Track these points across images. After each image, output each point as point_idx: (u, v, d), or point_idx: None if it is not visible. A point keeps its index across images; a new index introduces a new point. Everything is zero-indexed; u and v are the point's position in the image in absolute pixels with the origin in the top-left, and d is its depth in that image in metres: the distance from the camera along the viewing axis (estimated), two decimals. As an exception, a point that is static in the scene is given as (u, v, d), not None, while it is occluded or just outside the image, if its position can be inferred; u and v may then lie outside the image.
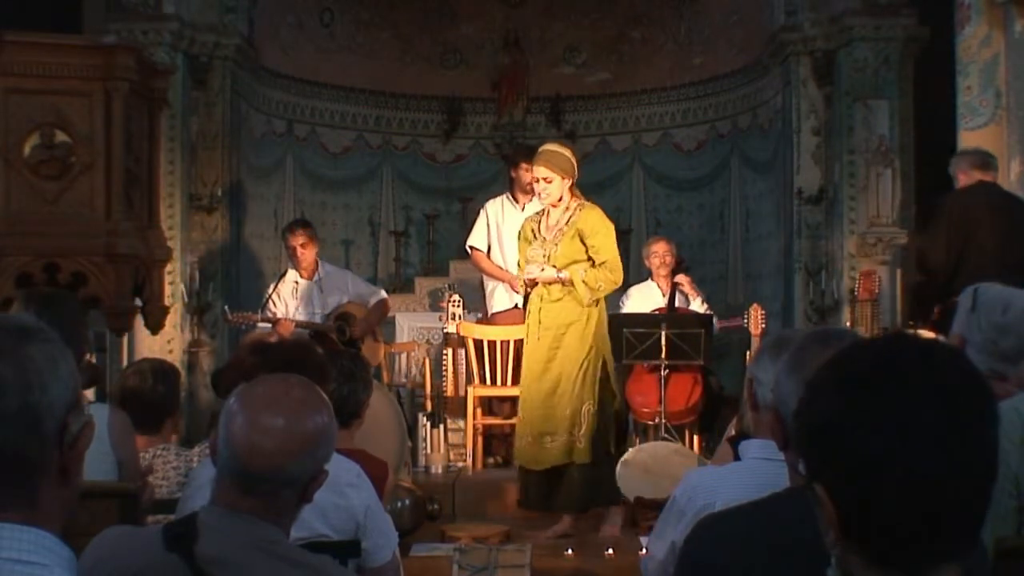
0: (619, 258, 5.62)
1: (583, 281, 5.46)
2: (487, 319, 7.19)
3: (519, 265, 5.83)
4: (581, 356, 5.50)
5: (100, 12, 8.10)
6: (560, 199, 5.57)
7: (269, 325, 6.83)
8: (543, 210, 5.72)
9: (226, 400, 1.95)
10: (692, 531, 1.88)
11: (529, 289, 5.65)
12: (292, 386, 1.94)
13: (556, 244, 5.54)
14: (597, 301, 5.55)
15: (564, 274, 5.49)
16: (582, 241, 5.51)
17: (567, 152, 5.66)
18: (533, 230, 5.70)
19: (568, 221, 5.56)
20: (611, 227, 5.65)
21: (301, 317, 6.99)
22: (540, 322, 5.57)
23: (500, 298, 7.08)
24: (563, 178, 5.53)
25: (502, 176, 10.11)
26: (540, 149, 5.72)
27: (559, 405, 5.51)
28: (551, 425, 5.52)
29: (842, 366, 1.21)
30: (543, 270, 5.52)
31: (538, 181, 5.56)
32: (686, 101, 10.22)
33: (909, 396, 1.14)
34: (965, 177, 5.64)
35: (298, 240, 7.10)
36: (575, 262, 5.51)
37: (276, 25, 9.45)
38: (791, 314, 8.57)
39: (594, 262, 5.51)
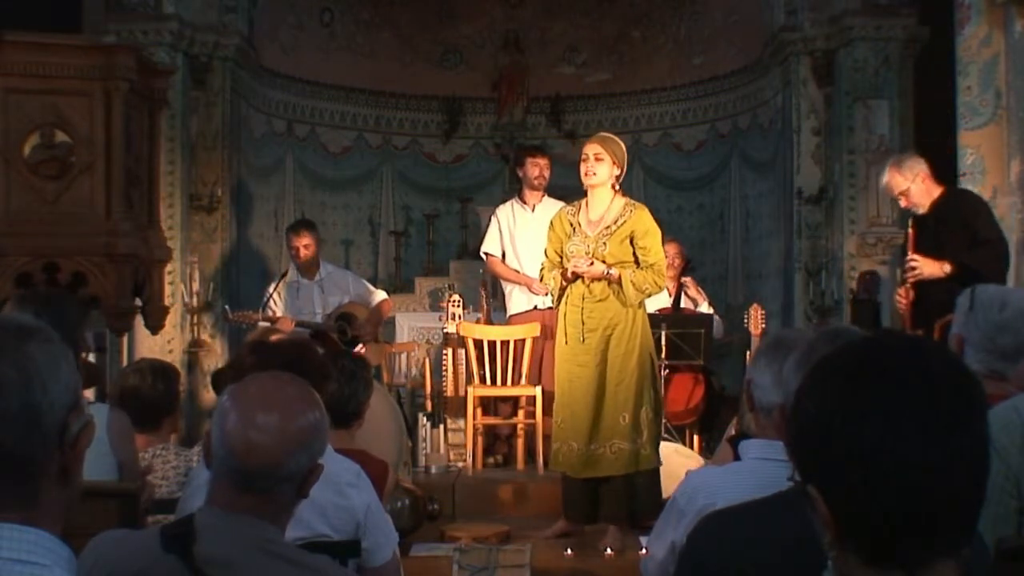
0: (665, 262, 5.49)
1: (631, 282, 5.24)
2: (503, 321, 7.16)
3: (545, 253, 5.56)
4: (632, 360, 5.28)
5: (100, 12, 8.10)
6: (604, 185, 5.36)
7: (270, 324, 6.82)
8: (580, 202, 5.50)
9: (218, 400, 1.95)
10: (693, 531, 1.89)
11: (567, 283, 5.38)
12: (284, 383, 1.95)
13: (604, 243, 5.30)
14: (641, 302, 5.38)
15: (614, 271, 5.27)
16: (631, 243, 5.31)
17: (622, 145, 5.54)
18: (572, 223, 5.44)
19: (617, 221, 5.34)
20: (659, 230, 5.47)
21: (302, 317, 6.99)
22: (584, 323, 5.32)
23: (518, 300, 7.04)
24: (613, 163, 5.37)
25: (502, 176, 10.14)
26: (598, 134, 5.65)
27: (611, 411, 5.28)
28: (603, 432, 5.28)
29: (829, 365, 1.22)
30: (592, 264, 5.28)
31: (587, 159, 5.37)
32: (686, 101, 10.22)
33: (895, 388, 1.14)
34: (932, 183, 5.42)
35: (302, 241, 7.11)
36: (621, 263, 5.29)
37: (276, 25, 9.44)
38: (791, 314, 8.57)
39: (639, 263, 5.30)
